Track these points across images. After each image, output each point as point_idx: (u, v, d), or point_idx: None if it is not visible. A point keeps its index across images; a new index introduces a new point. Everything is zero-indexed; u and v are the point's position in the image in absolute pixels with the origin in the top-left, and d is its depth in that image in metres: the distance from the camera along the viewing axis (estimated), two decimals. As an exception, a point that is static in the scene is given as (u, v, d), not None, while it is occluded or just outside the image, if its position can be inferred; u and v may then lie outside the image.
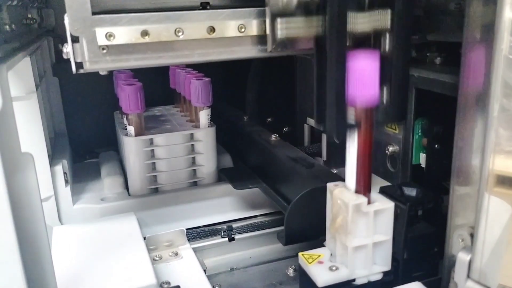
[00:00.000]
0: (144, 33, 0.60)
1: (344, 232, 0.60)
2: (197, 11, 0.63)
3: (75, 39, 0.59)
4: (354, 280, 0.61)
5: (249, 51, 0.66)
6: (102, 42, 0.59)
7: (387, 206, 0.59)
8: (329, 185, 0.63)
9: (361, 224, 0.59)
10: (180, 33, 0.61)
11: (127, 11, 0.61)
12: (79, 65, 0.60)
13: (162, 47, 0.62)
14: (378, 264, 0.62)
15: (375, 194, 0.62)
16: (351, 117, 0.60)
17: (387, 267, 0.62)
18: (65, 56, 0.61)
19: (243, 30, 0.64)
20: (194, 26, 0.62)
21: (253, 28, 0.64)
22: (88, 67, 0.60)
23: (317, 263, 0.63)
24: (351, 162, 0.61)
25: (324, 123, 0.62)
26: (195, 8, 0.65)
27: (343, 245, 0.61)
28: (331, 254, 0.64)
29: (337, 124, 0.61)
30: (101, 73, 0.64)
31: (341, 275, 0.61)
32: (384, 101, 0.62)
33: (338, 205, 0.61)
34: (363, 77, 0.55)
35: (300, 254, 0.66)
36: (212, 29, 0.62)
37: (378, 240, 0.60)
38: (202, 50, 0.64)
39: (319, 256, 0.65)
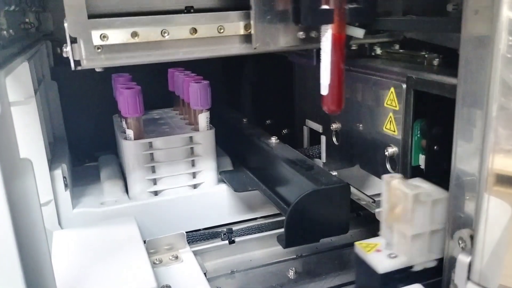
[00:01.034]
0: (134, 34, 0.69)
1: (403, 221, 0.62)
2: (181, 15, 0.71)
3: (73, 40, 0.67)
4: (411, 267, 0.64)
5: (228, 49, 0.75)
6: (97, 42, 0.67)
7: (443, 196, 0.61)
8: (385, 177, 0.66)
9: (420, 213, 0.61)
10: (166, 34, 0.70)
11: (119, 14, 0.69)
12: (77, 63, 0.68)
13: (150, 46, 0.70)
14: (434, 252, 0.64)
15: (428, 184, 0.64)
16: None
17: (441, 254, 0.64)
18: (65, 55, 0.68)
19: (222, 31, 0.73)
20: (178, 27, 0.70)
21: (231, 29, 0.73)
22: (85, 64, 0.68)
23: (375, 252, 0.66)
24: (326, 58, 0.69)
25: (298, 15, 0.71)
26: (180, 11, 0.72)
27: (402, 234, 0.63)
28: (386, 244, 0.67)
29: (310, 9, 0.69)
30: (97, 69, 0.71)
31: (400, 262, 0.63)
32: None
33: (396, 196, 0.63)
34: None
35: (356, 243, 0.68)
36: (194, 30, 0.71)
37: (435, 228, 0.62)
38: (186, 48, 0.72)
39: (376, 244, 0.67)
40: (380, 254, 0.65)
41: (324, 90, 0.71)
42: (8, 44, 0.72)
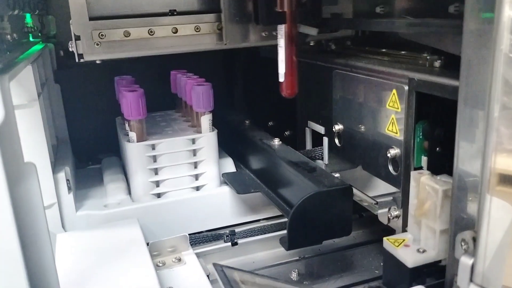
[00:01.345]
0: (127, 33, 0.85)
1: (433, 216, 0.63)
2: (165, 17, 0.88)
3: (77, 38, 0.83)
4: (440, 261, 0.65)
5: (204, 45, 0.92)
6: (96, 39, 0.84)
7: None
8: (414, 173, 0.67)
9: (448, 208, 0.62)
10: (152, 33, 0.87)
11: (114, 17, 0.85)
12: (80, 56, 0.84)
13: (140, 43, 0.87)
14: None
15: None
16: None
17: None
18: (70, 49, 0.84)
19: (198, 30, 0.89)
20: (162, 27, 0.87)
21: (206, 28, 0.90)
22: (87, 57, 0.84)
23: (404, 247, 0.68)
24: (281, 52, 0.85)
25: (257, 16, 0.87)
26: (165, 14, 0.89)
27: (430, 229, 0.64)
28: (413, 239, 0.68)
29: (266, 12, 0.85)
30: (97, 61, 0.87)
31: (429, 257, 0.65)
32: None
33: (425, 191, 0.64)
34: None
35: (385, 238, 0.70)
36: (175, 30, 0.88)
37: None
38: (169, 44, 0.89)
39: (404, 240, 0.69)
40: (409, 249, 0.67)
41: (281, 78, 0.88)
42: (12, 48, 0.73)
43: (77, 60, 0.84)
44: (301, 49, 0.95)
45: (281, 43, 0.85)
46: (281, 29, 0.85)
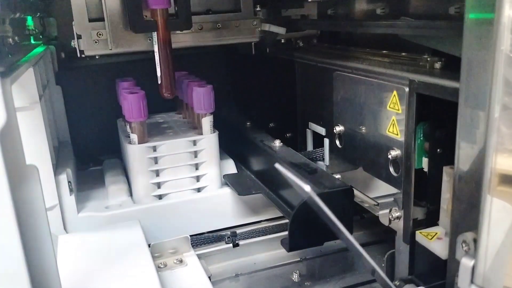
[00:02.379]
0: None
1: None
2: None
3: (79, 36, 0.96)
4: None
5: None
6: (95, 38, 0.97)
7: None
8: (446, 168, 0.67)
9: None
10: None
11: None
12: (82, 52, 0.97)
13: (129, 41, 0.99)
14: None
15: None
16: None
17: None
18: (73, 45, 0.97)
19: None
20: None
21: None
22: (87, 53, 0.97)
23: (437, 239, 0.68)
24: (157, 58, 0.94)
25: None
26: None
27: None
28: (445, 232, 0.68)
29: (136, 21, 0.92)
30: (97, 57, 0.99)
31: None
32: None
33: None
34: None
35: (417, 232, 0.71)
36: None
37: None
38: (148, 42, 1.00)
39: (436, 233, 0.69)
40: (443, 242, 0.67)
41: (159, 79, 0.96)
42: (14, 51, 0.73)
43: (78, 55, 0.97)
44: (273, 46, 1.14)
45: (156, 48, 0.94)
46: (155, 36, 0.93)
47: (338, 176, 0.87)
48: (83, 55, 0.97)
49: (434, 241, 0.68)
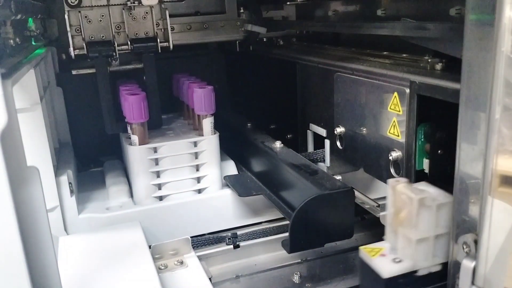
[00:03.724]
0: None
1: (409, 225, 0.62)
2: None
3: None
4: (416, 271, 0.63)
5: None
6: None
7: (448, 200, 0.61)
8: (391, 181, 0.65)
9: (425, 218, 0.61)
10: None
11: None
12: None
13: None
14: (438, 256, 0.63)
15: (433, 188, 0.64)
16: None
17: (445, 258, 0.63)
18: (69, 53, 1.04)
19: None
20: None
21: None
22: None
23: (380, 256, 0.66)
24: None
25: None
26: None
27: (406, 238, 0.63)
28: (391, 248, 0.66)
29: (111, 124, 1.04)
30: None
31: (405, 267, 0.63)
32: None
33: (402, 200, 0.63)
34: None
35: (361, 248, 0.68)
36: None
37: (439, 232, 0.62)
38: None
39: (381, 249, 0.67)
40: (385, 259, 0.65)
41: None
42: (15, 53, 0.73)
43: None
44: (255, 45, 1.28)
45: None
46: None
47: (339, 177, 0.87)
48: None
49: (377, 257, 0.65)
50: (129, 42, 1.06)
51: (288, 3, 1.29)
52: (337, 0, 1.10)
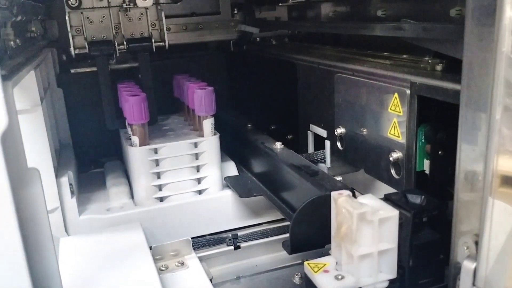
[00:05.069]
0: None
1: (349, 240, 0.60)
2: None
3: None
4: None
5: None
6: None
7: (391, 214, 0.59)
8: (333, 194, 0.63)
9: (366, 233, 0.59)
10: None
11: None
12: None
13: None
14: (384, 272, 0.62)
15: (379, 201, 0.62)
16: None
17: (393, 275, 0.62)
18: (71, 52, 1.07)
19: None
20: None
21: None
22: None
23: (323, 272, 0.64)
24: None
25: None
26: None
27: (349, 254, 0.61)
28: (336, 263, 0.64)
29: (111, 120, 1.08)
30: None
31: (347, 284, 0.61)
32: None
33: (342, 214, 0.61)
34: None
35: (305, 263, 0.66)
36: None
37: (384, 248, 0.60)
38: None
39: (325, 265, 0.65)
40: (328, 275, 0.63)
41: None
42: (16, 54, 0.73)
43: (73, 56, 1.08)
44: (249, 44, 1.34)
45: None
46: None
47: (339, 178, 0.87)
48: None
49: (319, 273, 0.63)
50: (125, 42, 1.08)
51: (280, 4, 1.34)
52: (327, 2, 1.13)
